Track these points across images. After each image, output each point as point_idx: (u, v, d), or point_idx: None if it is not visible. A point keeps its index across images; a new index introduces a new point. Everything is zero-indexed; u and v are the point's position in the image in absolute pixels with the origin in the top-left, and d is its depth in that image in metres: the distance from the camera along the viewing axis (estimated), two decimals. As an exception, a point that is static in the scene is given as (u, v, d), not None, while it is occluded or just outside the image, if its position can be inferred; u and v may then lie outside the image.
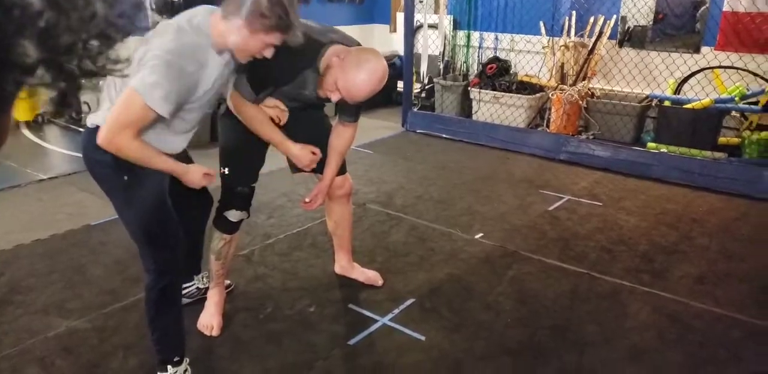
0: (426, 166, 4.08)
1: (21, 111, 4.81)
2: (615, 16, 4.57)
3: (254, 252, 2.73)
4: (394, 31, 5.78)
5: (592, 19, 4.59)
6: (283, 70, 1.80)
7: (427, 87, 5.32)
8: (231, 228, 2.09)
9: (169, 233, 1.72)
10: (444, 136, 4.72)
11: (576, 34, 4.64)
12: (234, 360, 1.98)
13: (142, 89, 1.44)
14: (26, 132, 4.76)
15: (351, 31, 5.67)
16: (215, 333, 2.10)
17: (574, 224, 3.11)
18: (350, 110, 2.06)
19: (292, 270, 2.56)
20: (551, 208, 3.31)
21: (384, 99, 5.51)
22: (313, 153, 1.99)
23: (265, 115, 1.92)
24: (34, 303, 2.29)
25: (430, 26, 5.26)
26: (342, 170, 2.24)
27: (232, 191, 2.04)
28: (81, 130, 4.59)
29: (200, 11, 1.59)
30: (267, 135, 1.93)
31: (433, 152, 4.43)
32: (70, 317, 2.20)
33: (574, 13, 4.64)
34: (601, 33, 4.52)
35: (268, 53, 1.58)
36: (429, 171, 3.97)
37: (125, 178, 1.60)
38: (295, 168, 2.15)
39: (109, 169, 1.60)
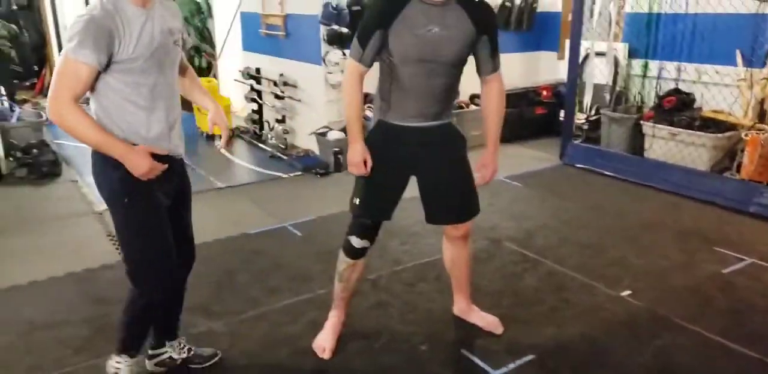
0: (580, 204, 3.77)
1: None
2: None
3: (381, 278, 2.76)
4: (562, 58, 5.50)
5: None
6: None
7: (593, 118, 4.94)
8: (354, 253, 2.11)
9: (162, 257, 1.76)
10: (607, 173, 4.32)
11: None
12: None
13: (65, 49, 1.52)
14: (218, 144, 5.46)
15: (517, 58, 5.58)
16: (327, 356, 2.14)
17: (753, 294, 2.60)
18: (485, 57, 1.94)
19: (413, 303, 2.53)
20: (726, 271, 2.81)
21: (543, 128, 5.27)
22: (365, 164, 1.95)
23: (359, 107, 1.94)
24: (186, 301, 2.58)
25: (598, 54, 4.89)
26: (466, 214, 2.13)
27: (358, 219, 2.08)
28: (262, 146, 5.22)
29: None
30: (351, 123, 1.95)
31: (591, 190, 4.08)
32: (211, 318, 2.43)
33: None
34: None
35: None
36: (582, 211, 3.65)
37: (125, 200, 1.67)
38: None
39: (111, 191, 1.68)
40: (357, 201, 2.06)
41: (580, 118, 5.06)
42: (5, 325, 2.39)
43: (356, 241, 2.08)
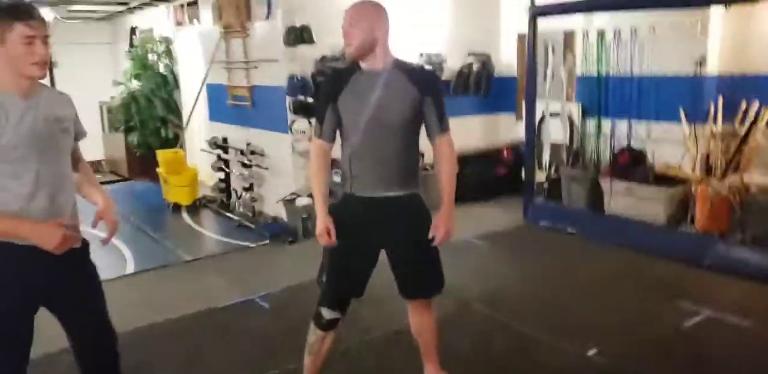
0: (544, 263, 3.91)
1: (183, 196, 5.65)
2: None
3: (351, 348, 2.78)
4: (521, 119, 5.85)
5: (744, 105, 4.24)
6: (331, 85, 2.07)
7: (553, 176, 5.21)
8: (324, 324, 2.15)
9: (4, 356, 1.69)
10: (569, 230, 4.52)
11: (724, 121, 4.30)
12: None
13: None
14: (185, 215, 5.53)
15: (477, 120, 5.88)
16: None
17: (713, 346, 2.72)
18: (432, 119, 2.05)
19: (385, 373, 2.57)
20: (687, 324, 2.94)
21: (506, 188, 5.49)
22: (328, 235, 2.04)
23: (323, 182, 2.07)
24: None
25: (553, 114, 5.25)
26: (431, 290, 2.21)
27: (329, 290, 2.14)
28: (230, 215, 5.29)
29: None
30: (316, 197, 2.08)
31: (554, 248, 4.24)
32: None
33: (720, 97, 4.34)
34: (756, 119, 4.13)
35: (40, 49, 1.60)
36: (546, 269, 3.80)
37: None
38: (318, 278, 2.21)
39: None
40: (324, 278, 2.14)
41: (540, 177, 5.33)
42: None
43: (327, 313, 2.13)
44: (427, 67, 5.14)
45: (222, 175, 5.64)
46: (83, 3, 6.57)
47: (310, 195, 4.55)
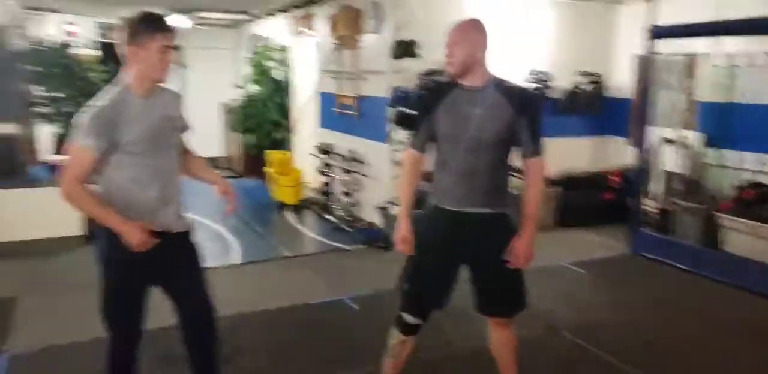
0: (645, 296, 3.74)
1: (289, 195, 6.01)
2: None
3: (432, 358, 2.85)
4: (632, 143, 5.62)
5: None
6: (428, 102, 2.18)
7: (663, 207, 4.95)
8: (405, 328, 2.24)
9: (119, 314, 2.05)
10: (679, 265, 4.27)
11: None
12: None
13: (74, 138, 1.86)
14: (289, 214, 5.89)
15: (584, 142, 5.74)
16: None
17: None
18: (525, 140, 2.08)
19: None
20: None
21: (612, 214, 5.28)
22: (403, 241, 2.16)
23: (409, 189, 2.20)
24: (242, 364, 2.79)
25: (668, 141, 4.99)
26: (510, 311, 2.24)
27: (411, 297, 2.22)
28: (329, 217, 5.57)
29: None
30: (401, 205, 2.20)
31: (659, 282, 4.03)
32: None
33: None
34: None
35: (170, 57, 1.89)
36: (648, 303, 3.62)
37: (104, 265, 1.99)
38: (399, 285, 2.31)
39: (98, 255, 2.01)
40: (406, 286, 2.22)
41: (651, 206, 5.08)
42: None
43: (409, 318, 2.23)
44: (532, 85, 5.14)
45: (325, 179, 5.95)
46: (213, 11, 7.21)
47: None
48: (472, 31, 2.08)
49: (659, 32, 4.38)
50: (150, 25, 1.88)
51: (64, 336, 3.06)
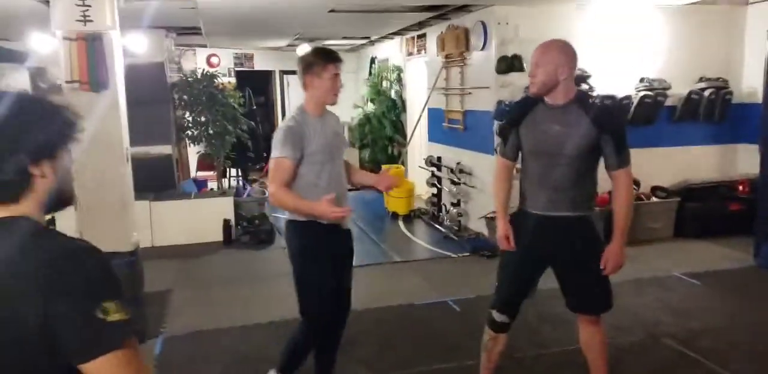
0: (762, 311, 3.58)
1: (401, 206, 6.44)
2: None
3: (526, 358, 3.04)
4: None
5: None
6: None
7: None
8: (494, 326, 2.47)
9: (320, 297, 2.43)
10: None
11: None
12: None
13: (273, 152, 2.32)
14: (401, 223, 6.31)
15: (708, 150, 5.53)
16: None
17: None
18: (609, 154, 2.20)
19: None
20: None
21: (738, 225, 5.01)
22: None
23: (504, 194, 2.45)
24: (353, 353, 3.19)
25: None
26: (595, 309, 2.39)
27: (500, 295, 2.47)
28: (438, 226, 5.89)
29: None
30: (496, 207, 2.48)
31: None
32: (370, 371, 2.99)
33: None
34: None
35: (339, 84, 2.36)
36: (765, 318, 3.48)
37: (301, 258, 2.44)
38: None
39: (293, 251, 2.47)
40: (497, 283, 2.49)
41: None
42: (224, 355, 3.25)
43: (497, 315, 2.46)
44: (643, 93, 5.09)
45: (435, 190, 6.29)
46: (335, 38, 7.93)
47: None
48: (553, 52, 2.20)
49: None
50: (322, 57, 2.36)
51: (211, 322, 3.67)
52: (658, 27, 5.32)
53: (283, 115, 9.77)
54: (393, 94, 7.92)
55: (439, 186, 6.20)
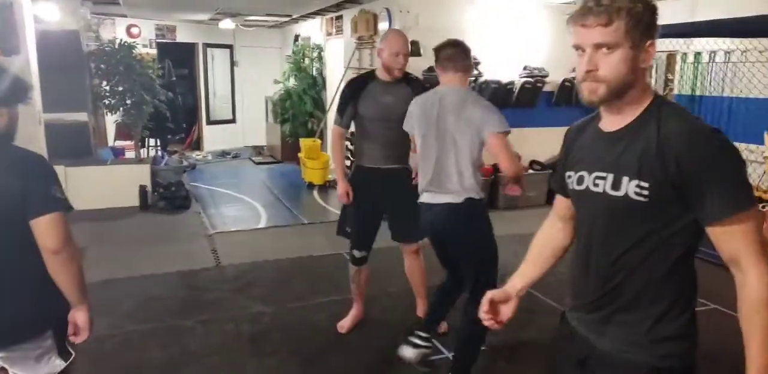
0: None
1: (316, 177, 7.03)
2: None
3: (392, 291, 3.74)
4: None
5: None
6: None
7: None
8: (356, 261, 3.15)
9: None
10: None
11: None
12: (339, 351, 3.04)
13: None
14: (315, 192, 6.90)
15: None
16: (344, 331, 3.24)
17: None
18: None
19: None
20: None
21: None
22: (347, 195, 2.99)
23: (341, 157, 3.05)
24: (254, 293, 3.79)
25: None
26: (415, 236, 3.05)
27: (356, 240, 3.12)
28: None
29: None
30: (336, 163, 3.06)
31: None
32: (266, 304, 3.60)
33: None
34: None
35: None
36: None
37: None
38: (339, 231, 3.18)
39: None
40: (349, 230, 3.12)
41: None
42: (135, 297, 3.76)
43: (356, 253, 3.13)
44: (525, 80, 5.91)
45: (348, 163, 6.89)
46: (257, 14, 8.32)
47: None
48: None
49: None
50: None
51: (123, 272, 4.16)
52: (541, 22, 6.13)
53: (206, 87, 10.05)
54: (314, 72, 8.43)
55: (352, 159, 6.79)
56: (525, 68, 5.98)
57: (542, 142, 6.17)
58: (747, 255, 1.14)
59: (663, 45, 5.37)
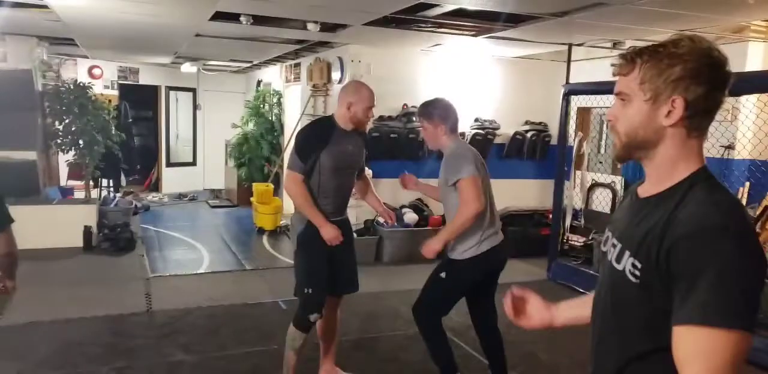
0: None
1: (267, 222, 7.00)
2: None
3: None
4: (574, 188, 6.45)
5: (768, 193, 4.57)
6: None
7: (589, 242, 5.73)
8: (310, 327, 2.89)
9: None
10: (579, 289, 5.02)
11: (749, 204, 4.64)
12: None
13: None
14: (265, 237, 6.86)
15: (531, 183, 6.56)
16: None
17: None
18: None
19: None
20: None
21: (545, 247, 6.04)
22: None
23: (311, 200, 2.81)
24: (179, 340, 3.69)
25: (601, 185, 5.82)
26: (354, 287, 3.07)
27: (314, 303, 2.86)
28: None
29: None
30: (312, 215, 2.78)
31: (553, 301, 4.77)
32: (188, 353, 3.51)
33: (747, 184, 4.70)
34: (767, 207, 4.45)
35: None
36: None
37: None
38: (299, 291, 2.96)
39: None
40: (310, 291, 2.83)
41: (579, 241, 5.86)
42: (55, 341, 3.63)
43: (314, 317, 2.84)
44: (476, 132, 6.10)
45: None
46: (219, 59, 8.50)
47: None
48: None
49: (570, 89, 5.32)
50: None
51: (48, 315, 4.02)
52: (492, 74, 6.41)
53: (167, 129, 10.08)
54: (273, 117, 8.56)
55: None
56: (476, 120, 6.18)
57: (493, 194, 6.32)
58: None
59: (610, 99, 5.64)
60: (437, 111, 2.89)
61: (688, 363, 0.95)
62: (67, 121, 6.51)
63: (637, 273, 1.05)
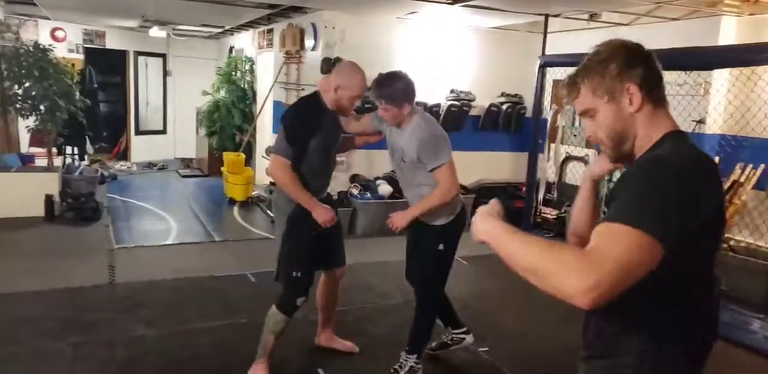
0: (505, 283, 4.47)
1: (238, 192, 6.82)
2: (764, 166, 4.46)
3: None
4: (548, 160, 6.39)
5: (738, 168, 4.56)
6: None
7: (561, 214, 5.70)
8: (294, 311, 2.75)
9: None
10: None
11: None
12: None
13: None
14: (236, 208, 6.69)
15: (505, 156, 6.48)
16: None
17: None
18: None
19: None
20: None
21: (520, 220, 6.01)
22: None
23: (300, 184, 2.64)
24: (141, 314, 3.56)
25: (575, 158, 5.77)
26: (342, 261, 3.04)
27: (304, 286, 2.75)
28: (270, 212, 6.35)
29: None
30: (301, 198, 2.64)
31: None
32: (150, 327, 3.39)
33: (717, 158, 4.68)
34: (736, 181, 4.45)
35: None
36: (506, 287, 4.37)
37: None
38: (280, 276, 2.87)
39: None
40: (299, 274, 2.71)
41: (552, 214, 5.84)
42: (8, 316, 3.47)
43: (300, 301, 2.73)
44: (452, 103, 5.95)
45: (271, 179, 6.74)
46: (189, 24, 8.13)
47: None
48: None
49: (546, 61, 5.19)
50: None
51: (2, 288, 3.85)
52: (469, 45, 6.22)
53: (137, 96, 9.70)
54: (245, 85, 8.27)
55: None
56: (452, 91, 6.02)
57: (468, 166, 6.20)
58: (595, 254, 1.00)
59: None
60: (399, 92, 2.65)
61: (593, 240, 1.03)
62: (27, 84, 6.17)
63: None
